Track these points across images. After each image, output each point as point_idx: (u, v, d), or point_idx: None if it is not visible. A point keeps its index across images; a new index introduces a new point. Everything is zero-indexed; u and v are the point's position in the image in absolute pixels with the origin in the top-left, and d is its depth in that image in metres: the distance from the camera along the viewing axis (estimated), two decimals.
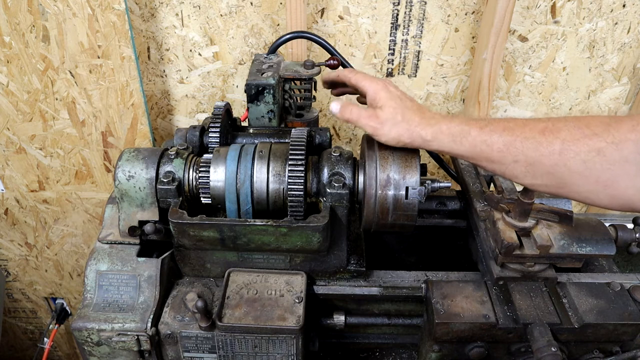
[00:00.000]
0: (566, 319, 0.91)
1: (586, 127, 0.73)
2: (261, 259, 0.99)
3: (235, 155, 0.96)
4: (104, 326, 0.92)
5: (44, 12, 1.35)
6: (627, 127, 0.70)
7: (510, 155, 0.79)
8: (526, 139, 0.77)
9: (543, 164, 0.76)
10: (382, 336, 1.10)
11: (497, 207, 0.99)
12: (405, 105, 0.89)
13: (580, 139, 0.73)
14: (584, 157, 0.73)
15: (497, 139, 0.80)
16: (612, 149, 0.70)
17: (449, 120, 0.85)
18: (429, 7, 1.45)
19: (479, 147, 0.81)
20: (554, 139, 0.75)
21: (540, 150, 0.76)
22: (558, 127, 0.75)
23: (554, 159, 0.75)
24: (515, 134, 0.78)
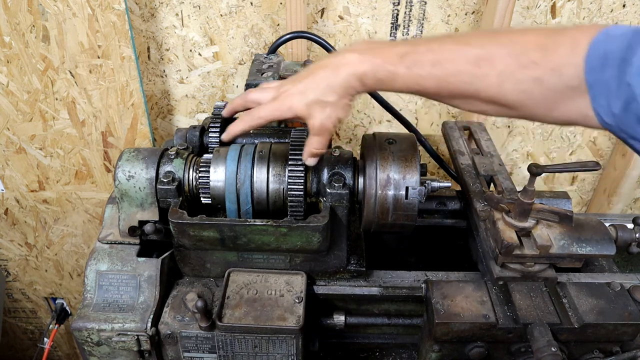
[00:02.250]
0: (566, 319, 0.91)
1: (523, 54, 0.68)
2: (261, 259, 0.99)
3: (235, 155, 0.96)
4: (104, 326, 0.92)
5: (44, 12, 1.35)
6: (566, 50, 0.66)
7: (444, 91, 0.74)
8: (459, 72, 0.72)
9: (480, 96, 0.73)
10: (382, 336, 1.10)
11: (497, 207, 0.99)
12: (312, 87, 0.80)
13: (518, 70, 0.68)
14: (522, 87, 0.69)
15: (427, 77, 0.74)
16: (551, 76, 0.67)
17: (370, 61, 0.76)
18: (429, 7, 1.45)
19: (412, 87, 0.76)
20: (489, 71, 0.70)
21: (476, 84, 0.71)
22: (492, 56, 0.70)
23: (492, 92, 0.71)
24: (446, 68, 0.72)
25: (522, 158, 1.75)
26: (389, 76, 0.76)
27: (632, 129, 0.63)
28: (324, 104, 0.80)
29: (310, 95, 0.80)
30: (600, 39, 0.65)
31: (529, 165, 0.95)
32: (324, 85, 0.79)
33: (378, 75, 0.76)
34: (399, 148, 0.96)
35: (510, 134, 1.69)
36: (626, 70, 0.61)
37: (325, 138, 0.84)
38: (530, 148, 1.72)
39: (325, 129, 0.82)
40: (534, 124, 1.66)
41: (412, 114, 1.66)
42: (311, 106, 0.80)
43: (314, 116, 0.81)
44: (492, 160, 1.24)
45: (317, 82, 0.80)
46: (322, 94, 0.79)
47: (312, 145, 0.85)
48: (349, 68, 0.77)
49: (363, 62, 0.77)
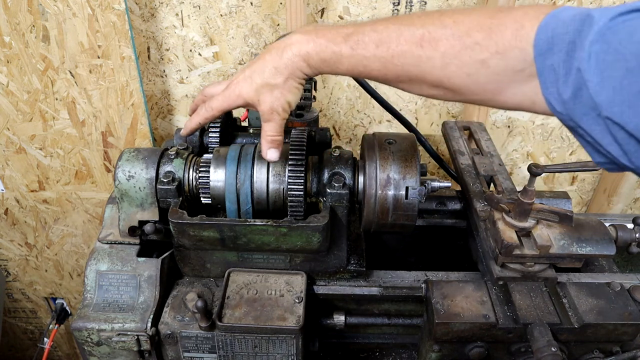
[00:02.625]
0: (566, 319, 0.91)
1: (466, 35, 0.66)
2: (261, 259, 0.99)
3: (235, 155, 0.96)
4: (104, 326, 0.92)
5: (44, 12, 1.35)
6: (511, 32, 0.63)
7: (390, 73, 0.72)
8: (403, 53, 0.69)
9: (426, 79, 0.70)
10: (382, 336, 1.10)
11: (497, 207, 0.99)
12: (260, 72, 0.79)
13: (461, 51, 0.66)
14: (467, 70, 0.67)
15: (372, 59, 0.72)
16: (496, 59, 0.65)
17: (313, 41, 0.75)
18: (429, 7, 1.45)
19: (357, 69, 0.74)
20: (433, 53, 0.68)
21: (421, 66, 0.69)
22: (436, 37, 0.68)
23: (436, 74, 0.69)
24: (390, 48, 0.70)
25: (522, 158, 1.75)
26: (333, 57, 0.74)
27: (579, 118, 0.60)
28: (271, 87, 0.79)
29: (257, 79, 0.79)
30: (548, 22, 0.62)
31: (529, 165, 0.95)
32: (269, 67, 0.78)
33: (322, 56, 0.75)
34: (399, 148, 0.96)
35: (510, 134, 1.69)
36: (575, 55, 0.58)
37: (277, 123, 0.82)
38: (530, 148, 1.72)
39: (276, 112, 0.81)
40: (534, 124, 1.66)
41: (412, 114, 1.66)
42: (259, 90, 0.79)
43: (263, 101, 0.80)
44: (492, 160, 1.24)
45: (264, 66, 0.79)
46: (269, 77, 0.78)
47: (266, 132, 0.83)
48: (293, 48, 0.76)
49: (307, 42, 0.76)
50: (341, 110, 1.66)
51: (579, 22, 0.59)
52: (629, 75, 0.54)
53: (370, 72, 0.74)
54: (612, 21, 0.56)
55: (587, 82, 0.57)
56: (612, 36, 0.56)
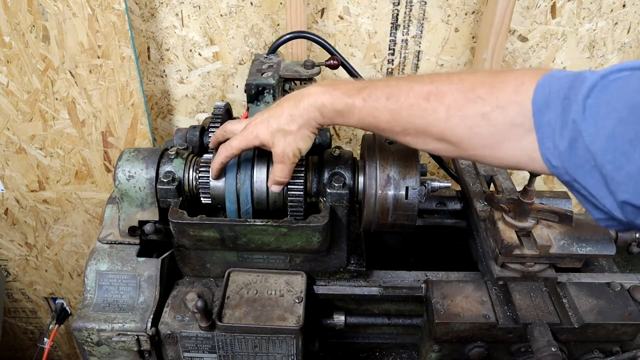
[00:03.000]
0: (566, 319, 0.91)
1: (470, 90, 0.71)
2: (261, 259, 0.99)
3: None
4: (104, 326, 0.92)
5: (44, 12, 1.35)
6: (511, 89, 0.68)
7: (398, 125, 0.77)
8: (411, 106, 0.74)
9: (431, 131, 0.74)
10: (382, 336, 1.10)
11: (497, 207, 0.99)
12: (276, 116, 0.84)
13: (465, 104, 0.71)
14: (469, 122, 0.71)
15: (382, 110, 0.77)
16: (497, 113, 0.69)
17: (329, 94, 0.81)
18: (429, 7, 1.45)
19: (367, 120, 0.79)
20: (438, 106, 0.72)
21: (427, 118, 0.73)
22: (442, 92, 0.73)
23: (440, 126, 0.73)
24: (399, 101, 0.75)
25: None
26: (346, 108, 0.79)
27: (574, 170, 0.63)
28: (285, 133, 0.84)
29: (274, 124, 0.84)
30: (545, 81, 0.67)
31: None
32: (286, 114, 0.83)
33: (336, 107, 0.80)
34: (399, 148, 0.96)
35: None
36: (570, 109, 0.62)
37: (287, 166, 0.87)
38: None
39: (287, 156, 0.86)
40: None
41: None
42: (274, 134, 0.84)
43: (276, 144, 0.85)
44: None
45: (281, 112, 0.84)
46: (284, 123, 0.83)
47: (275, 173, 0.89)
48: (309, 99, 0.82)
49: (323, 94, 0.81)
50: None
51: (572, 79, 0.64)
52: (620, 124, 0.58)
53: (379, 124, 0.78)
54: (603, 79, 0.61)
55: (582, 132, 0.61)
56: (604, 91, 0.61)
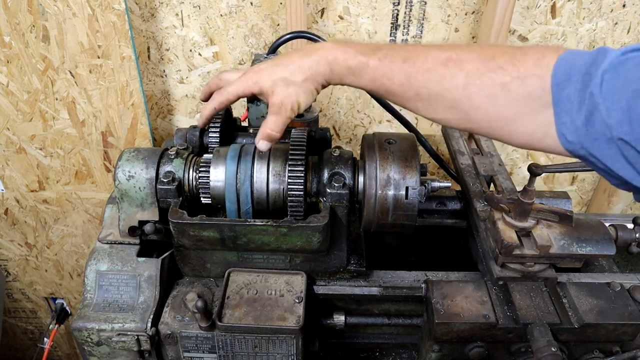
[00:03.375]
0: (566, 319, 0.91)
1: (491, 59, 0.69)
2: (261, 259, 0.99)
3: (235, 155, 0.96)
4: (104, 326, 0.92)
5: (44, 12, 1.35)
6: (532, 61, 0.67)
7: (412, 89, 0.74)
8: (428, 70, 0.72)
9: (446, 97, 0.72)
10: (382, 336, 1.10)
11: (497, 207, 0.99)
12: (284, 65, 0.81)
13: (485, 73, 0.69)
14: (488, 91, 0.69)
15: (397, 71, 0.74)
16: (516, 84, 0.67)
17: (344, 49, 0.78)
18: (429, 7, 1.45)
19: (380, 80, 0.76)
20: (457, 72, 0.70)
21: (443, 84, 0.71)
22: (462, 59, 0.71)
23: (457, 94, 0.71)
24: (416, 65, 0.73)
25: (522, 158, 1.75)
26: (359, 65, 0.76)
27: (591, 144, 0.63)
28: (288, 82, 0.80)
29: (279, 72, 0.81)
30: (566, 56, 0.66)
31: (529, 165, 0.95)
32: (293, 65, 0.80)
33: (348, 62, 0.77)
34: (399, 148, 0.96)
35: None
36: (589, 83, 0.62)
37: (281, 119, 0.83)
38: None
39: (284, 108, 0.82)
40: None
41: (412, 114, 1.65)
42: (276, 82, 0.81)
43: (276, 93, 0.81)
44: (492, 160, 1.24)
45: (289, 61, 0.81)
46: (290, 73, 0.80)
47: (267, 124, 0.84)
48: (321, 52, 0.79)
49: (336, 49, 0.78)
50: (341, 110, 1.66)
51: (595, 54, 0.64)
52: (635, 97, 0.58)
53: (391, 86, 0.76)
54: (623, 55, 0.61)
55: (599, 105, 0.61)
56: (621, 66, 0.61)
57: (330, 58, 0.78)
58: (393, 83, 0.75)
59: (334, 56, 0.78)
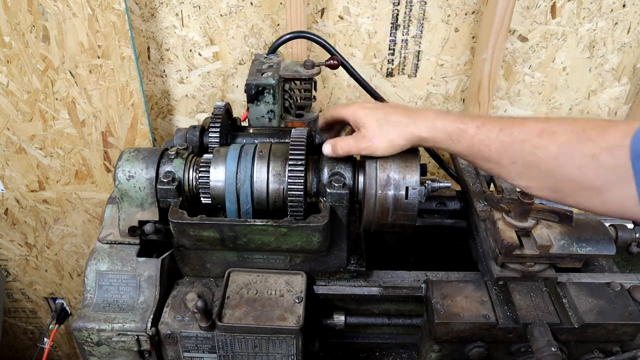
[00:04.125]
0: (566, 319, 0.91)
1: (582, 131, 0.73)
2: (261, 259, 0.99)
3: (235, 155, 0.96)
4: (104, 326, 0.92)
5: (44, 12, 1.35)
6: (621, 133, 0.70)
7: (507, 157, 0.79)
8: (523, 141, 0.77)
9: (539, 167, 0.76)
10: (382, 336, 1.10)
11: (497, 207, 0.99)
12: (386, 112, 0.89)
13: (576, 144, 0.73)
14: (578, 162, 0.72)
15: (494, 140, 0.79)
16: (605, 154, 0.70)
17: (443, 117, 0.85)
18: (429, 7, 1.45)
19: (477, 147, 0.81)
20: (550, 143, 0.75)
21: (537, 154, 0.76)
22: (555, 130, 0.75)
23: (550, 163, 0.75)
24: (512, 135, 0.78)
25: None
26: (457, 132, 0.82)
27: None
28: (381, 127, 0.87)
29: (378, 114, 0.89)
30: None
31: None
32: (394, 117, 0.87)
33: (447, 129, 0.83)
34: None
35: None
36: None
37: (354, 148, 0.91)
38: None
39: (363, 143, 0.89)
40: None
41: None
42: (371, 120, 0.89)
43: (367, 128, 0.89)
44: None
45: (391, 111, 0.88)
46: (387, 121, 0.87)
47: (341, 142, 0.92)
48: (423, 119, 0.86)
49: (437, 118, 0.85)
50: None
51: None
52: None
53: (488, 153, 0.81)
54: None
55: None
56: None
57: (429, 125, 0.85)
58: (490, 150, 0.80)
59: (434, 124, 0.84)
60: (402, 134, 0.87)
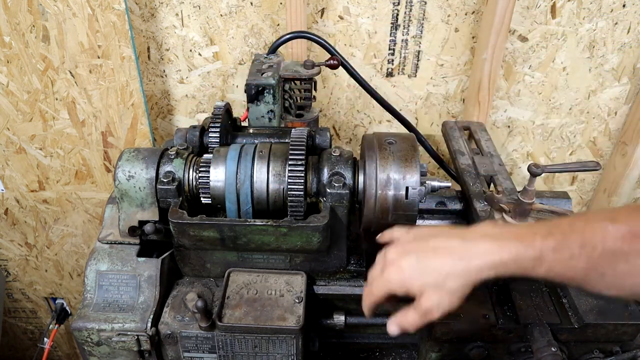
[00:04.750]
0: (566, 319, 0.91)
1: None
2: (261, 259, 0.99)
3: (235, 155, 0.96)
4: (104, 326, 0.92)
5: (44, 12, 1.35)
6: None
7: (595, 272, 0.68)
8: (612, 252, 0.67)
9: (634, 274, 0.67)
10: (382, 336, 1.10)
11: (497, 207, 0.99)
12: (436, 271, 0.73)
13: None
14: None
15: (577, 259, 0.68)
16: None
17: (507, 248, 0.70)
18: (429, 7, 1.45)
19: (557, 271, 0.70)
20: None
21: (631, 262, 0.66)
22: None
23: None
24: (597, 248, 0.67)
25: (522, 158, 1.75)
26: (533, 263, 0.69)
27: None
28: (441, 289, 0.73)
29: (429, 278, 0.73)
30: None
31: (529, 165, 0.95)
32: (447, 269, 0.72)
33: (520, 263, 0.69)
34: (399, 148, 0.96)
35: (510, 134, 1.69)
36: None
37: (424, 321, 0.75)
38: (530, 148, 1.72)
39: (431, 314, 0.74)
40: (534, 124, 1.66)
41: (412, 114, 1.66)
42: (426, 286, 0.73)
43: (425, 296, 0.74)
44: (492, 160, 1.24)
45: (440, 264, 0.73)
46: (443, 280, 0.72)
47: (408, 319, 0.76)
48: (483, 258, 0.71)
49: (500, 250, 0.70)
50: (341, 110, 1.66)
51: None
52: None
53: (572, 274, 0.69)
54: None
55: None
56: None
57: (496, 263, 0.70)
58: (575, 271, 0.69)
59: (499, 260, 0.70)
60: (467, 285, 0.72)
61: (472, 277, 0.72)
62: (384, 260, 0.78)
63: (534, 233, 0.70)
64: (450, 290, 0.72)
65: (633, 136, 1.59)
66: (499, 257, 0.70)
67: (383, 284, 0.76)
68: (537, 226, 0.73)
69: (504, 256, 0.70)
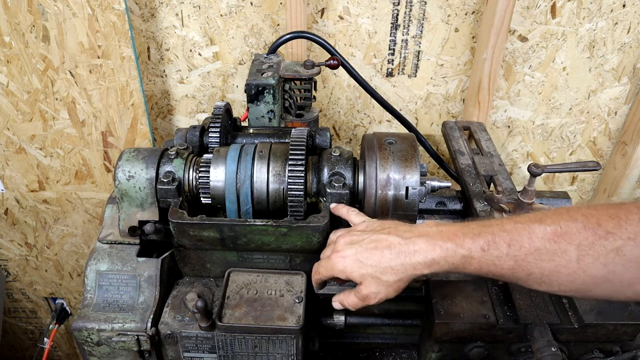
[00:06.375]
0: (566, 319, 0.91)
1: (597, 225, 0.68)
2: (261, 259, 0.99)
3: (235, 155, 0.96)
4: (104, 326, 0.92)
5: (44, 12, 1.35)
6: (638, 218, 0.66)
7: (522, 271, 0.72)
8: (537, 250, 0.70)
9: (560, 273, 0.70)
10: (382, 336, 1.10)
11: (497, 207, 0.99)
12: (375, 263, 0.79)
13: (596, 242, 0.67)
14: (603, 260, 0.67)
15: (504, 258, 0.72)
16: (630, 245, 0.65)
17: (440, 246, 0.75)
18: (429, 7, 1.45)
19: (487, 269, 0.74)
20: (568, 246, 0.69)
21: (556, 260, 0.70)
22: (569, 231, 0.69)
23: (571, 268, 0.69)
24: (523, 247, 0.71)
25: (522, 158, 1.75)
26: (463, 260, 0.74)
27: None
28: (378, 281, 0.79)
29: (368, 269, 0.79)
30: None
31: (529, 165, 0.95)
32: (384, 265, 0.78)
33: (451, 260, 0.75)
34: (399, 148, 0.96)
35: (510, 134, 1.69)
36: None
37: (362, 304, 0.83)
38: (530, 148, 1.72)
39: (369, 299, 0.82)
40: (534, 124, 1.66)
41: (412, 114, 1.66)
42: (365, 277, 0.80)
43: (364, 285, 0.81)
44: (492, 160, 1.24)
45: (379, 260, 0.79)
46: (381, 273, 0.79)
47: (348, 299, 0.85)
48: (418, 256, 0.76)
49: (434, 249, 0.76)
50: (341, 110, 1.66)
51: None
52: None
53: (500, 271, 0.73)
54: None
55: None
56: None
57: (429, 261, 0.76)
58: (502, 269, 0.73)
59: (432, 258, 0.75)
60: (403, 279, 0.79)
61: (408, 273, 0.78)
62: (334, 245, 0.85)
63: (465, 233, 0.75)
64: (387, 282, 0.79)
65: (633, 136, 1.59)
66: (432, 255, 0.75)
67: (328, 268, 0.84)
68: (470, 226, 0.77)
69: (435, 255, 0.75)
